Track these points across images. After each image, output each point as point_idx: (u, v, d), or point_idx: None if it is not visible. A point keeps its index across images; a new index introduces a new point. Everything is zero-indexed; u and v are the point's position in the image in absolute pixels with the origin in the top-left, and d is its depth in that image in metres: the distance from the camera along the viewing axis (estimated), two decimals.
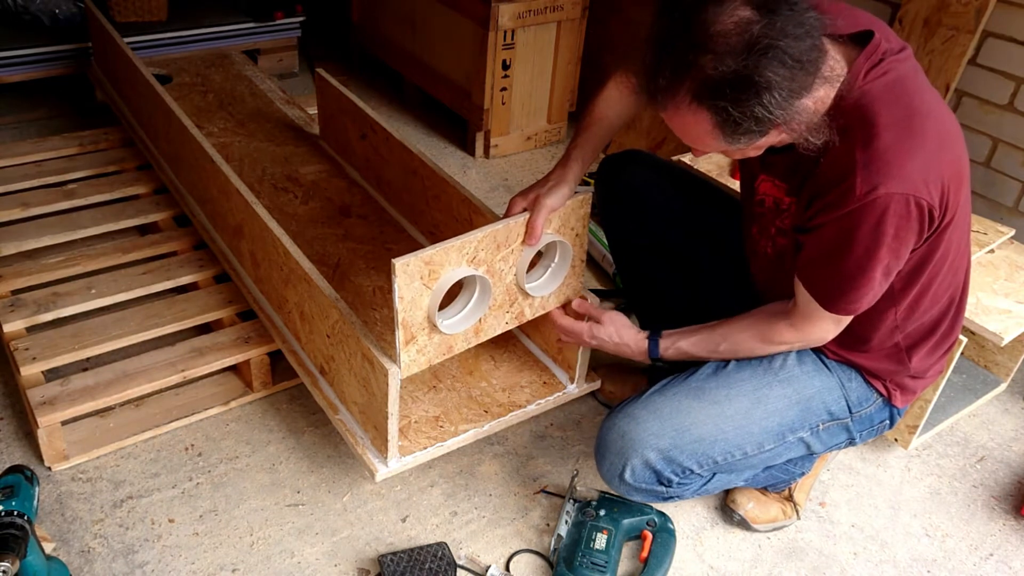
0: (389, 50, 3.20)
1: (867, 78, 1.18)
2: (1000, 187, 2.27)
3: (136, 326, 1.80)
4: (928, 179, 1.16)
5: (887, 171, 1.15)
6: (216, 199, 1.93)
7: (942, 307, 1.39)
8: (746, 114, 1.08)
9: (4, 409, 1.79)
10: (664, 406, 1.41)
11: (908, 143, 1.16)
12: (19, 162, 2.32)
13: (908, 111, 1.18)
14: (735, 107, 1.08)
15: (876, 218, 1.16)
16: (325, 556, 1.55)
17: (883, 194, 1.15)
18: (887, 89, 1.18)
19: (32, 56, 2.76)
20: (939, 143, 1.19)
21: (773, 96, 1.06)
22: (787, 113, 1.09)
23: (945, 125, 1.22)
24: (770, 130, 1.13)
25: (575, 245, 1.53)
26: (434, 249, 1.32)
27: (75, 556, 1.51)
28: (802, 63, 1.07)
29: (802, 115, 1.12)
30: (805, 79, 1.08)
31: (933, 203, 1.18)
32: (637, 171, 1.68)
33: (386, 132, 2.03)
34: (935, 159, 1.17)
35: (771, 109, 1.07)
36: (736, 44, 1.05)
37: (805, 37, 1.07)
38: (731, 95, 1.07)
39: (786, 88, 1.06)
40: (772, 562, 1.62)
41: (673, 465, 1.39)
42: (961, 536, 1.71)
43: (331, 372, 1.59)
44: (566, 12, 2.77)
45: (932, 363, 1.45)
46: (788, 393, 1.41)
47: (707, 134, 1.14)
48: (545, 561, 1.58)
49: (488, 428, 1.59)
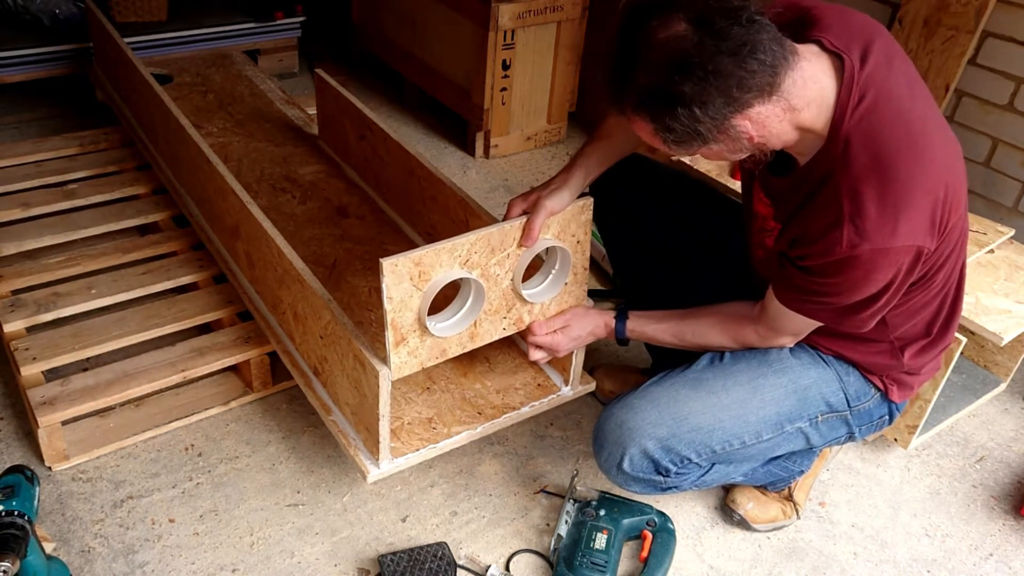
0: (389, 50, 3.20)
1: (852, 117, 1.16)
2: (1000, 187, 2.27)
3: (136, 326, 1.80)
4: (917, 226, 1.16)
5: (874, 229, 1.15)
6: (213, 199, 1.93)
7: (934, 309, 1.39)
8: (672, 125, 1.12)
9: (4, 409, 1.79)
10: (662, 396, 1.42)
11: (895, 196, 1.15)
12: (19, 162, 2.31)
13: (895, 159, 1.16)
14: (663, 118, 1.12)
15: (863, 270, 1.19)
16: (325, 556, 1.55)
17: (869, 249, 1.16)
18: (872, 132, 1.16)
19: (32, 56, 2.76)
20: (931, 180, 1.17)
21: (689, 110, 1.08)
22: (712, 126, 1.11)
23: (937, 147, 1.20)
24: (706, 138, 1.14)
25: (576, 252, 1.51)
26: (425, 250, 1.31)
27: (75, 556, 1.51)
28: (727, 78, 1.07)
29: (740, 128, 1.13)
30: (732, 93, 1.08)
31: (925, 245, 1.18)
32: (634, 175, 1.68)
33: (384, 133, 2.03)
34: (925, 200, 1.16)
35: (687, 121, 1.10)
36: (661, 60, 1.09)
37: (737, 52, 1.07)
38: (656, 107, 1.12)
39: (707, 102, 1.08)
40: (772, 562, 1.62)
41: (671, 454, 1.40)
42: (961, 536, 1.71)
43: (324, 373, 1.59)
44: (566, 12, 2.77)
45: (927, 360, 1.46)
46: (784, 383, 1.43)
47: (652, 139, 1.19)
48: (545, 561, 1.58)
49: (481, 430, 1.59)
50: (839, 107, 1.17)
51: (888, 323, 1.36)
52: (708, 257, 1.64)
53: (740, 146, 1.17)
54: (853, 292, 1.23)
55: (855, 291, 1.23)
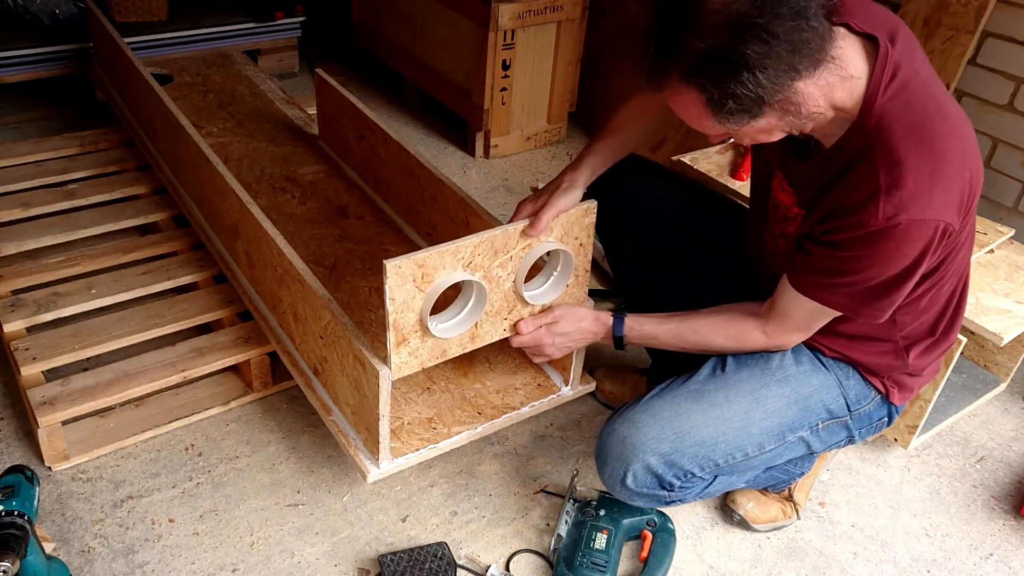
0: (389, 50, 3.20)
1: (886, 94, 1.16)
2: (1000, 187, 2.27)
3: (136, 326, 1.80)
4: (949, 201, 1.16)
5: (911, 199, 1.14)
6: (212, 199, 1.93)
7: (940, 307, 1.39)
8: (727, 92, 1.08)
9: (4, 409, 1.79)
10: (663, 410, 1.40)
11: (931, 167, 1.15)
12: (19, 162, 2.32)
13: (930, 131, 1.16)
14: (717, 85, 1.08)
15: (896, 242, 1.17)
16: (325, 556, 1.55)
17: (905, 220, 1.14)
18: (907, 107, 1.17)
19: (32, 56, 2.76)
20: (960, 158, 1.18)
21: (753, 74, 1.05)
22: (773, 92, 1.08)
23: (962, 132, 1.20)
24: (762, 109, 1.12)
25: (578, 255, 1.51)
26: (428, 252, 1.31)
27: (75, 556, 1.51)
28: (789, 42, 1.05)
29: (795, 98, 1.11)
30: (792, 59, 1.07)
31: (953, 223, 1.18)
32: (634, 177, 1.67)
33: (384, 133, 2.03)
34: (957, 178, 1.17)
35: (751, 87, 1.07)
36: (718, 23, 1.05)
37: (795, 17, 1.05)
38: (711, 73, 1.08)
39: (769, 66, 1.06)
40: (772, 562, 1.62)
41: (675, 469, 1.39)
42: (961, 536, 1.71)
43: (324, 373, 1.59)
44: (566, 12, 2.77)
45: (930, 360, 1.46)
46: (786, 392, 1.41)
47: (699, 114, 1.15)
48: (545, 561, 1.58)
49: (481, 430, 1.59)
50: (872, 84, 1.16)
51: (896, 321, 1.36)
52: (709, 260, 1.63)
53: (784, 122, 1.16)
54: (880, 268, 1.20)
55: (882, 266, 1.20)
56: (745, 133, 1.20)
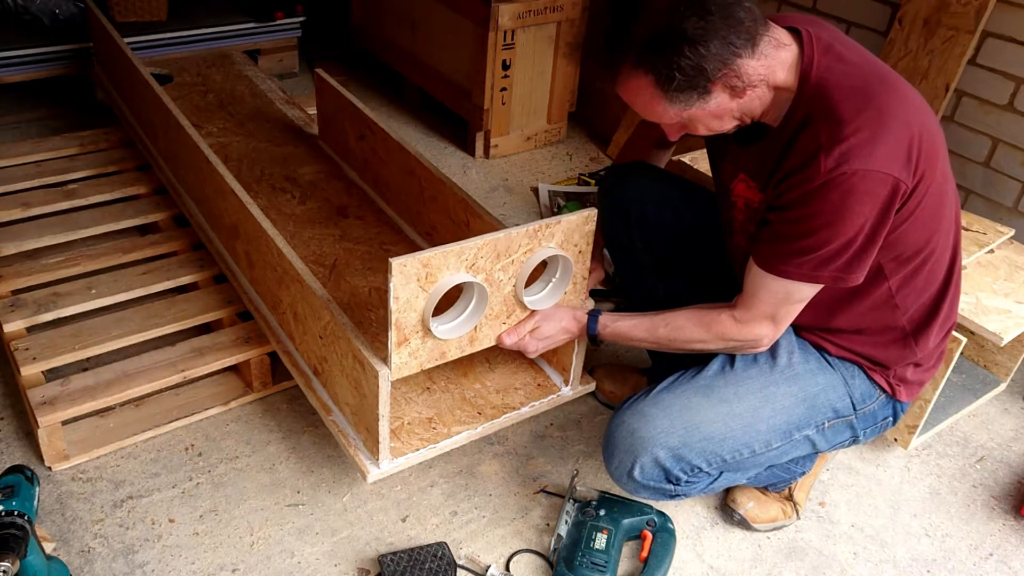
0: (389, 50, 3.21)
1: (822, 64, 1.23)
2: (1000, 187, 2.27)
3: (136, 326, 1.80)
4: (893, 155, 1.19)
5: (852, 151, 1.18)
6: (212, 199, 1.93)
7: (940, 283, 1.39)
8: (673, 65, 1.15)
9: (4, 409, 1.79)
10: (673, 404, 1.41)
11: (872, 123, 1.19)
12: (19, 162, 2.32)
13: (868, 92, 1.22)
14: (662, 60, 1.16)
15: (841, 193, 1.19)
16: (325, 556, 1.55)
17: (848, 170, 1.18)
18: (845, 75, 1.23)
19: (32, 56, 2.76)
20: (903, 115, 1.22)
21: (694, 48, 1.14)
22: (716, 65, 1.16)
23: (906, 94, 1.25)
24: (708, 87, 1.18)
25: (577, 261, 1.51)
26: (433, 252, 1.32)
27: (75, 556, 1.51)
28: (724, 18, 1.14)
29: (738, 72, 1.18)
30: (728, 33, 1.15)
31: (902, 178, 1.20)
32: (640, 183, 1.67)
33: (384, 133, 2.03)
34: (901, 132, 1.20)
35: (693, 59, 1.14)
36: (660, 8, 1.15)
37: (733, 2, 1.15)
38: (657, 51, 1.16)
39: (709, 40, 1.14)
40: (772, 562, 1.62)
41: (682, 463, 1.39)
42: (961, 536, 1.71)
43: (324, 373, 1.59)
44: (566, 12, 2.77)
45: (938, 343, 1.46)
46: (794, 391, 1.42)
47: (652, 97, 1.22)
48: (545, 561, 1.58)
49: (481, 430, 1.59)
50: (805, 59, 1.24)
51: (898, 305, 1.37)
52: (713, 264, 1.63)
53: (734, 105, 1.23)
54: (834, 228, 1.21)
55: (836, 226, 1.21)
56: (698, 118, 1.25)
